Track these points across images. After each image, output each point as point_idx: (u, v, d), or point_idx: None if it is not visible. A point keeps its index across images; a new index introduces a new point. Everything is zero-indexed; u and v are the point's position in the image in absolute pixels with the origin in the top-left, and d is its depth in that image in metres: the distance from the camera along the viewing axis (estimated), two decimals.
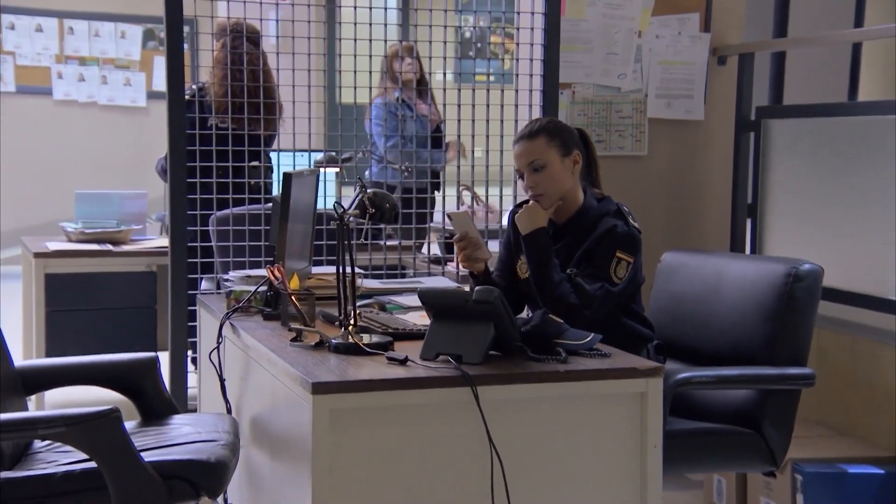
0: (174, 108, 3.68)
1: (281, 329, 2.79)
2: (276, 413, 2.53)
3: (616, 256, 2.73)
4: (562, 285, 2.73)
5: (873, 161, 3.53)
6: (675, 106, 4.26)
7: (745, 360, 2.83)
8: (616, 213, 2.81)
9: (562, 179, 2.80)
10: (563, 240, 2.84)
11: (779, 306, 2.78)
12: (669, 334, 3.03)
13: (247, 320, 2.94)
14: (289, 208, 2.81)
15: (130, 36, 9.11)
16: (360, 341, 2.45)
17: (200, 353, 3.43)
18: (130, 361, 2.82)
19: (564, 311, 2.65)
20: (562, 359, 2.34)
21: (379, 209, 2.64)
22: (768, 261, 2.91)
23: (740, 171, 4.15)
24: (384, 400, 2.20)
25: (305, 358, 2.43)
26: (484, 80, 3.93)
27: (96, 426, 2.21)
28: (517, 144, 2.84)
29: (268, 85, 4.17)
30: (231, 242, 3.80)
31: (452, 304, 2.38)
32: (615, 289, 2.74)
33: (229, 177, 3.85)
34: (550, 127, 2.83)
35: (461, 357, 2.32)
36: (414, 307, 3.10)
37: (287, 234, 2.82)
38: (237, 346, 2.91)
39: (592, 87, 4.17)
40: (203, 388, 3.38)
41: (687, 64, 4.26)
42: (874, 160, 3.52)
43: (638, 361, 2.37)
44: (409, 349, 2.48)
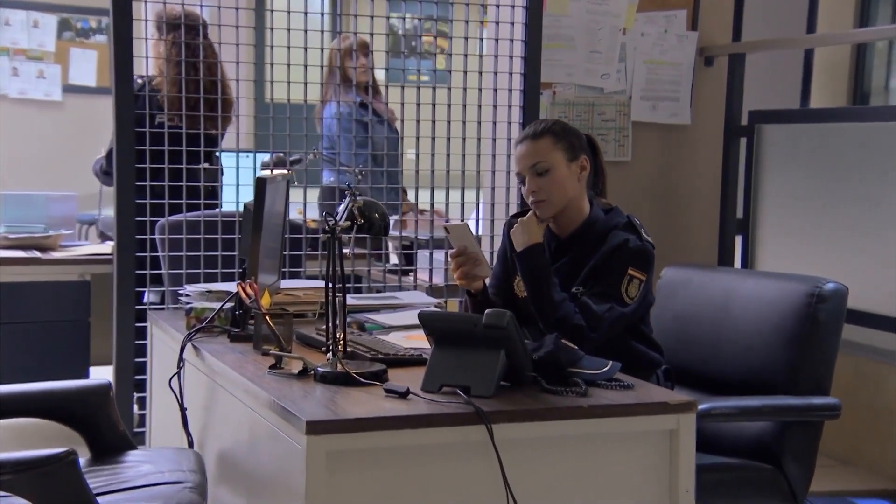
0: (122, 104, 3.42)
1: (253, 353, 2.56)
2: (254, 451, 2.30)
3: (628, 274, 2.56)
4: (563, 305, 2.55)
5: (876, 171, 3.42)
6: (660, 109, 4.12)
7: (761, 388, 2.68)
8: (626, 225, 2.63)
9: (567, 186, 2.62)
10: (567, 255, 2.66)
11: (801, 330, 2.64)
12: (674, 358, 2.87)
13: (210, 341, 2.71)
14: (262, 218, 2.59)
15: (44, 26, 8.72)
16: (351, 370, 2.23)
17: (152, 376, 3.17)
18: (79, 390, 2.57)
19: (568, 334, 2.47)
20: (582, 391, 2.16)
21: (368, 220, 2.43)
22: (786, 279, 2.77)
23: (730, 180, 4.03)
24: (387, 440, 2.00)
25: (289, 389, 2.21)
26: (416, 79, 3.73)
27: (49, 473, 1.96)
28: (520, 145, 2.65)
29: (224, 80, 3.93)
30: (185, 252, 3.55)
31: (459, 329, 2.18)
32: (626, 309, 2.57)
33: (181, 179, 3.59)
34: (557, 128, 2.64)
35: (469, 389, 2.12)
36: (396, 326, 2.90)
37: (260, 246, 2.59)
38: (200, 371, 2.67)
39: (574, 88, 4.01)
40: (154, 417, 3.12)
41: (673, 64, 4.13)
42: (877, 170, 3.42)
43: (666, 394, 2.19)
44: (404, 378, 2.27)
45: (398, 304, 3.16)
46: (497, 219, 3.83)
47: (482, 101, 3.83)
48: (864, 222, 3.44)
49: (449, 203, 3.77)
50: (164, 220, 3.62)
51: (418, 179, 3.75)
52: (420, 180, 3.74)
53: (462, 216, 3.83)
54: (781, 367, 2.66)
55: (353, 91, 4.50)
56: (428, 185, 3.74)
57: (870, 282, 3.42)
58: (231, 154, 3.91)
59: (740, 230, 3.99)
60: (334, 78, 4.31)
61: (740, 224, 4.00)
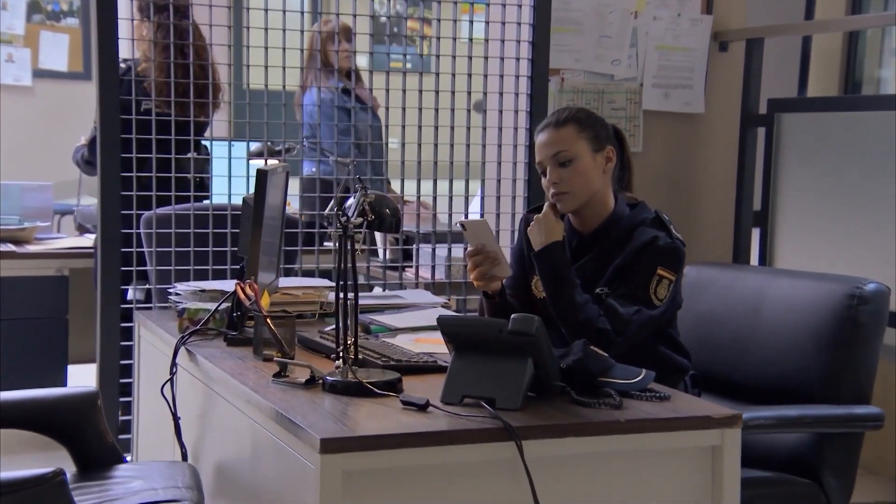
0: (107, 90, 3.26)
1: (253, 358, 2.42)
2: (257, 467, 2.15)
3: (657, 273, 2.42)
4: (586, 307, 2.41)
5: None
6: (673, 97, 3.99)
7: (796, 396, 2.56)
8: (654, 221, 2.50)
9: (591, 178, 2.48)
10: (589, 253, 2.52)
11: (841, 334, 2.51)
12: (697, 363, 2.73)
13: (206, 345, 2.56)
14: (263, 213, 2.43)
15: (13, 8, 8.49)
16: (363, 379, 2.09)
17: (139, 380, 3.02)
18: (64, 399, 2.41)
19: (592, 339, 2.33)
20: (616, 403, 2.02)
21: (378, 216, 2.28)
22: (822, 279, 2.64)
23: (746, 172, 3.90)
24: (408, 458, 1.85)
25: (296, 400, 2.06)
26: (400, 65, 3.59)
27: (36, 495, 1.80)
28: (541, 133, 2.51)
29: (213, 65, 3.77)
30: (173, 248, 3.39)
31: (482, 336, 2.04)
32: (654, 312, 2.43)
33: (169, 170, 3.43)
34: (582, 116, 2.50)
35: (494, 401, 1.98)
36: (403, 329, 2.76)
37: (260, 244, 2.44)
38: (195, 377, 2.52)
39: (583, 75, 3.87)
40: (142, 426, 2.97)
41: (686, 50, 3.99)
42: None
43: (709, 407, 2.06)
44: (419, 387, 2.14)
45: (403, 303, 3.02)
46: (503, 212, 3.69)
47: (487, 89, 3.69)
48: (892, 218, 3.31)
49: (437, 195, 3.61)
50: (152, 212, 3.45)
51: (403, 170, 3.60)
52: (409, 171, 3.59)
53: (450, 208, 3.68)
54: (818, 374, 2.53)
55: (335, 77, 4.33)
56: (422, 175, 3.59)
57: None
58: (220, 143, 3.75)
59: (757, 225, 3.87)
60: (315, 63, 4.15)
61: (757, 219, 3.88)
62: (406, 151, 3.59)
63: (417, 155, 3.58)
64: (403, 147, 3.58)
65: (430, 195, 3.62)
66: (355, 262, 2.11)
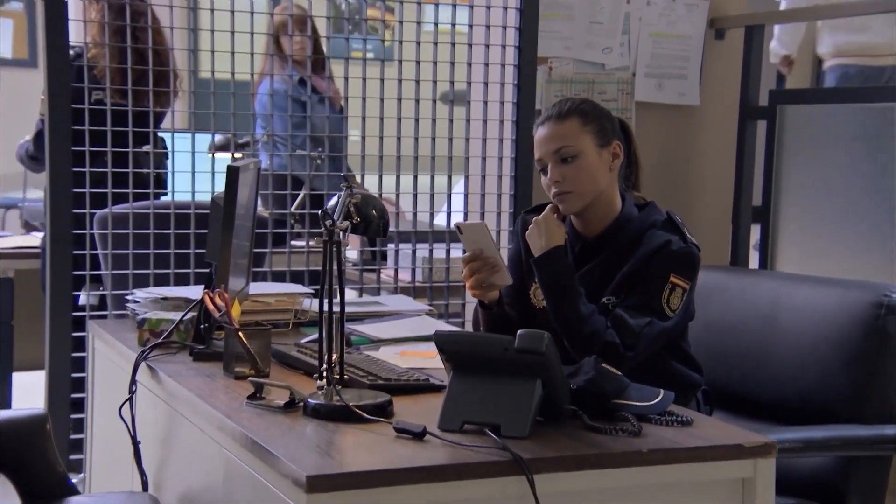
0: (55, 78, 3.04)
1: (223, 376, 2.22)
2: (229, 501, 1.95)
3: (670, 282, 2.25)
4: (592, 319, 2.23)
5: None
6: (666, 87, 3.83)
7: (818, 414, 2.40)
8: (666, 223, 2.32)
9: (596, 175, 2.30)
10: (594, 259, 2.34)
11: (867, 346, 2.36)
12: (708, 376, 2.57)
13: (169, 360, 2.37)
14: (234, 213, 2.23)
15: None
16: (350, 402, 1.90)
17: (93, 398, 2.81)
18: (9, 424, 2.20)
19: (598, 354, 2.16)
20: (635, 430, 1.85)
21: (364, 218, 2.09)
22: (846, 286, 2.48)
23: (745, 168, 3.75)
24: (405, 497, 1.67)
25: (275, 427, 1.87)
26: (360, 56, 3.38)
27: None
28: (541, 127, 2.32)
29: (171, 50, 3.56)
30: (130, 250, 3.18)
31: (486, 354, 1.86)
32: (667, 324, 2.26)
33: (125, 164, 3.22)
34: (587, 108, 2.33)
35: (499, 428, 1.80)
36: (386, 340, 2.57)
37: (232, 248, 2.24)
38: (158, 397, 2.32)
39: (572, 63, 3.69)
40: (96, 450, 2.76)
41: (681, 37, 3.83)
42: None
43: (738, 433, 1.89)
44: (411, 409, 1.96)
45: (384, 311, 2.84)
46: (488, 211, 3.51)
47: (472, 78, 3.51)
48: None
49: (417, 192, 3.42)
50: (106, 211, 3.24)
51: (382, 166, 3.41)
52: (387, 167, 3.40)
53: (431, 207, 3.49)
54: (843, 391, 2.38)
55: (290, 66, 4.12)
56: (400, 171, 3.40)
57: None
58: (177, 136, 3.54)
59: (756, 222, 3.72)
60: (270, 55, 3.93)
61: (756, 216, 3.72)
62: (384, 146, 3.39)
63: (397, 150, 3.39)
64: (381, 140, 3.38)
65: (408, 192, 3.42)
66: (342, 271, 1.92)
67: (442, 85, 3.47)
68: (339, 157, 3.53)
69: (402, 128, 3.39)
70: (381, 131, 3.37)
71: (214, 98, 3.26)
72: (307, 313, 2.74)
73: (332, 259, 1.90)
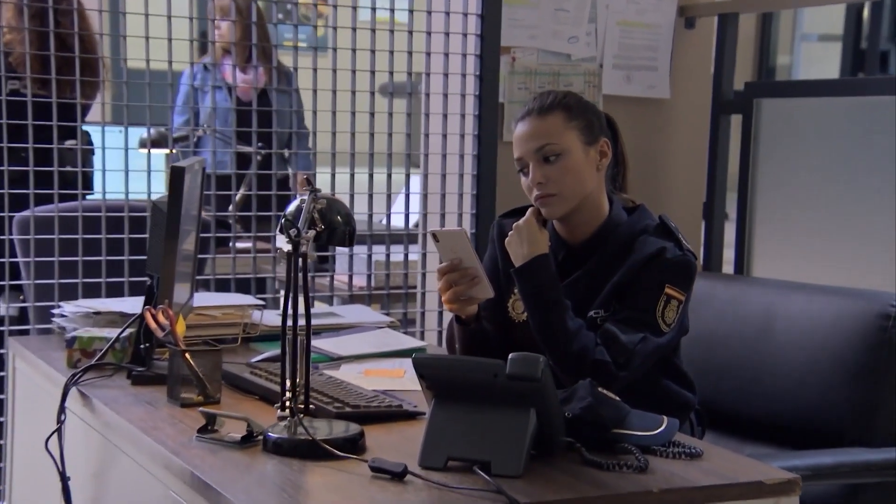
0: None
1: (168, 403, 2.01)
2: None
3: (665, 293, 2.09)
4: (581, 335, 2.06)
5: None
6: (635, 80, 3.67)
7: (819, 435, 2.26)
8: (659, 229, 2.16)
9: (583, 176, 2.13)
10: (581, 268, 2.17)
11: (873, 361, 2.23)
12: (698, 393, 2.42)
13: (104, 385, 2.16)
14: (179, 219, 2.03)
15: None
16: (318, 436, 1.70)
17: (13, 426, 2.57)
18: None
19: (587, 374, 2.00)
20: (641, 464, 1.68)
21: (329, 225, 1.89)
22: (847, 295, 2.35)
23: (718, 165, 3.61)
24: None
25: (231, 466, 1.67)
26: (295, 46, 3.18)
27: None
28: (521, 122, 2.15)
29: (92, 37, 3.32)
30: (56, 257, 2.94)
31: (473, 381, 1.68)
32: (661, 340, 2.10)
33: (48, 162, 2.98)
34: (571, 101, 2.15)
35: (489, 466, 1.62)
36: (347, 357, 2.38)
37: (177, 258, 2.03)
38: (91, 427, 2.10)
39: (536, 53, 3.52)
40: (17, 486, 2.53)
41: (650, 27, 3.68)
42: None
43: (757, 468, 1.73)
44: (384, 441, 1.79)
45: (341, 324, 2.64)
46: (448, 212, 3.32)
47: (431, 69, 3.32)
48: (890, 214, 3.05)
49: (354, 192, 3.21)
50: (28, 213, 2.99)
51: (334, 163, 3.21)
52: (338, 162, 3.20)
53: (388, 207, 3.30)
54: (847, 410, 2.25)
55: (210, 55, 3.88)
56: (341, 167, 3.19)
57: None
58: (100, 130, 3.30)
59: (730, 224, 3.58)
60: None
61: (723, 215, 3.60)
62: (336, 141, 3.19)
63: (351, 146, 3.19)
64: (334, 136, 3.18)
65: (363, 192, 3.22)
66: (307, 287, 1.72)
67: (407, 77, 3.28)
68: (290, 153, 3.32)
69: (357, 123, 3.19)
70: (333, 126, 3.16)
71: (132, 88, 3.03)
72: (258, 327, 2.53)
73: (297, 273, 1.69)
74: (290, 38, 3.20)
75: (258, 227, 3.20)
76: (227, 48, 4.05)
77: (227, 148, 3.76)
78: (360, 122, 3.19)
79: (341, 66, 3.16)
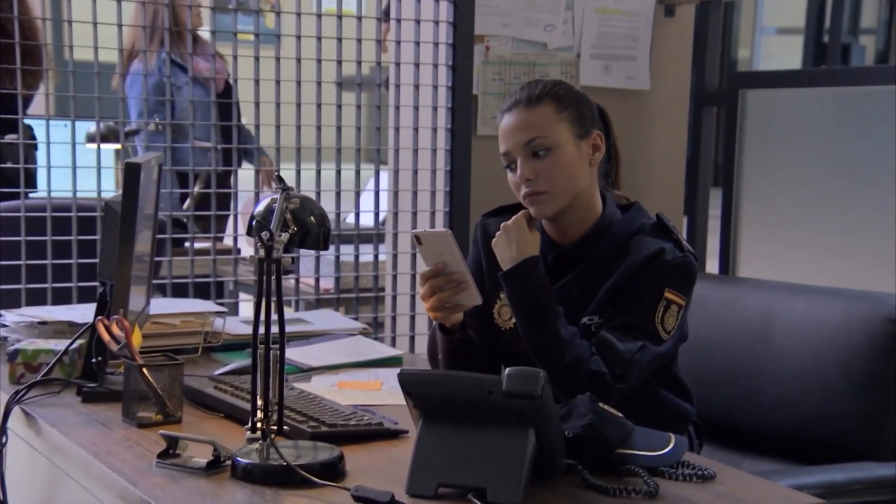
0: None
1: (122, 423, 1.85)
2: None
3: (664, 298, 1.96)
4: (574, 344, 1.93)
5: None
6: (614, 70, 3.55)
7: (824, 447, 2.16)
8: (656, 228, 2.04)
9: (575, 172, 2.00)
10: (572, 271, 2.04)
11: (881, 368, 2.12)
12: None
13: (51, 403, 2.00)
14: (135, 221, 1.87)
15: None
16: (294, 460, 1.56)
17: None
18: None
19: (582, 386, 1.87)
20: (651, 490, 1.55)
21: (302, 227, 1.75)
22: (850, 297, 2.24)
23: (701, 159, 3.50)
24: None
25: (196, 496, 1.53)
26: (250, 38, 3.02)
27: None
28: (508, 114, 2.01)
29: (33, 23, 3.14)
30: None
31: (465, 399, 1.54)
32: (661, 348, 1.97)
33: None
34: (561, 91, 2.02)
35: (485, 493, 1.49)
36: (318, 367, 2.24)
37: (132, 264, 1.87)
38: (36, 451, 1.95)
39: (511, 42, 3.38)
40: None
41: (629, 14, 3.56)
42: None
43: (775, 491, 1.60)
44: (363, 463, 1.65)
45: (311, 331, 2.50)
46: (420, 210, 3.18)
47: (401, 59, 3.17)
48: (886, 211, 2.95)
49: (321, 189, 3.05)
50: None
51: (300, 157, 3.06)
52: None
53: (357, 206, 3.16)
54: (854, 420, 2.14)
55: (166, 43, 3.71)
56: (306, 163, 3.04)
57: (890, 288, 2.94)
58: (41, 123, 3.12)
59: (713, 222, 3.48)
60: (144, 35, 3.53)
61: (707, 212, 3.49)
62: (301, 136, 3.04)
63: (317, 140, 3.04)
64: (299, 130, 3.03)
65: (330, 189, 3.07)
66: (281, 296, 1.57)
67: (377, 67, 3.14)
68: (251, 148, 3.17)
69: (323, 116, 3.04)
70: (297, 119, 3.01)
71: (77, 79, 2.86)
72: (220, 336, 2.38)
73: (270, 280, 1.55)
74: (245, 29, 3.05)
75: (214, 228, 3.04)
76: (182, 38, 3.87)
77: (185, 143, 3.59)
78: (327, 115, 3.04)
79: (305, 55, 3.01)
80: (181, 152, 3.62)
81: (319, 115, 3.04)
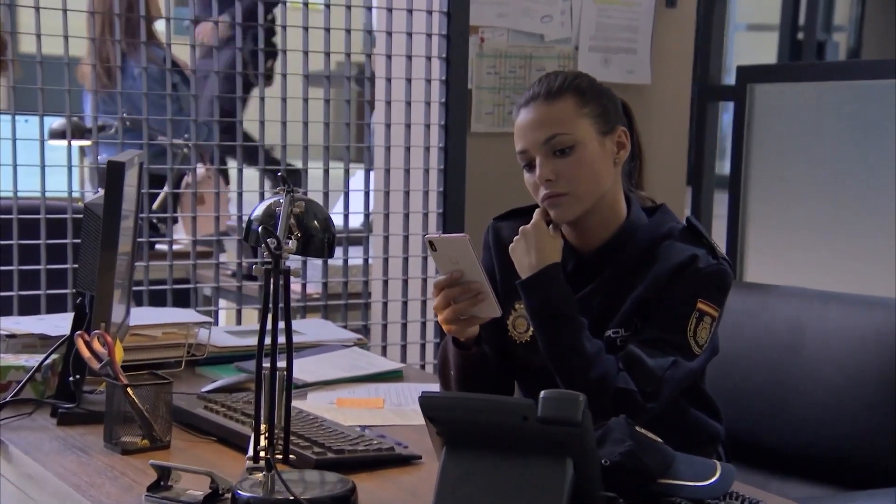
0: None
1: (104, 450, 1.70)
2: None
3: (697, 309, 1.83)
4: (600, 360, 1.80)
5: None
6: (613, 64, 3.43)
7: (862, 469, 2.04)
8: (686, 233, 1.91)
9: (599, 171, 1.87)
10: (595, 280, 1.90)
11: None
12: None
13: (23, 426, 1.86)
14: (118, 225, 1.71)
15: None
16: (302, 494, 1.41)
17: None
18: None
19: (609, 406, 1.74)
20: None
21: (305, 232, 1.60)
22: (886, 306, 2.12)
23: (705, 157, 3.39)
24: None
25: None
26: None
27: None
28: (525, 109, 1.87)
29: None
30: None
31: (496, 425, 1.40)
32: (694, 364, 1.84)
33: None
34: (583, 84, 1.89)
35: None
36: (314, 383, 2.11)
37: (115, 273, 1.72)
38: (7, 480, 1.79)
39: (507, 34, 3.25)
40: None
41: (629, 5, 3.44)
42: None
43: None
44: (375, 496, 1.50)
45: (301, 342, 2.35)
46: (412, 212, 3.03)
47: (392, 51, 3.03)
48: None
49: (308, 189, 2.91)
50: None
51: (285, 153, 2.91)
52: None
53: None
54: (893, 440, 2.01)
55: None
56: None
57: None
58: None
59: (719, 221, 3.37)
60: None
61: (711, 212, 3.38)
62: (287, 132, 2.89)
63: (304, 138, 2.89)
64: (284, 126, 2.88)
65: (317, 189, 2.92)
66: (289, 308, 1.42)
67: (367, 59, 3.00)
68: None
69: (310, 112, 2.89)
70: (283, 116, 2.86)
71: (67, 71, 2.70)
72: (204, 348, 2.23)
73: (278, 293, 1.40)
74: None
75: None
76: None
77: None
78: (314, 110, 2.90)
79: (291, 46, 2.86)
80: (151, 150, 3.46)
81: (306, 111, 2.89)
